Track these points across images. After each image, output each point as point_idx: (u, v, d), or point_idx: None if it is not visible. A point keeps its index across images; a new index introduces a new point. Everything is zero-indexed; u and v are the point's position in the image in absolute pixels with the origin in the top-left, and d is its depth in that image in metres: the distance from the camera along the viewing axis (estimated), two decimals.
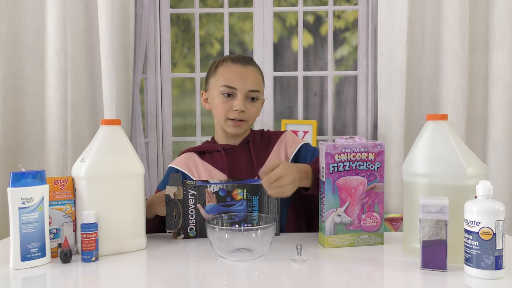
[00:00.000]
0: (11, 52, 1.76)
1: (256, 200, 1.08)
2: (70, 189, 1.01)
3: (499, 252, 0.81)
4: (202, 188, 1.07)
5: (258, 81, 1.31)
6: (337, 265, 0.94)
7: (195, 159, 1.33)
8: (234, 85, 1.26)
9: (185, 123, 2.14)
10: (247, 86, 1.27)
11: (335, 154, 1.03)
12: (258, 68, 1.34)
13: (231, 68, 1.29)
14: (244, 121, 1.28)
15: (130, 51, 1.85)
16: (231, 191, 1.07)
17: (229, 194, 1.07)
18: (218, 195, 1.07)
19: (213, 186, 1.07)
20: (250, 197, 1.07)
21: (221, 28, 2.07)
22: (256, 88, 1.29)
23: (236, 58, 1.31)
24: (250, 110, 1.28)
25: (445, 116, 0.98)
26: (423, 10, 1.82)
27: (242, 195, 1.07)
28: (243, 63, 1.30)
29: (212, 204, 1.08)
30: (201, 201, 1.08)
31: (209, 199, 1.07)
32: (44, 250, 0.94)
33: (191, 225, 1.10)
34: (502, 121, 1.74)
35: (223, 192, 1.07)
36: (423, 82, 1.84)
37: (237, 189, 1.07)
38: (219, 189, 1.07)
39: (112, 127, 1.05)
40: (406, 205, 1.01)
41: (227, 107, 1.27)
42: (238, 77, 1.27)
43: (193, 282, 0.86)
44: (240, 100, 1.25)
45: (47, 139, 1.80)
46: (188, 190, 1.07)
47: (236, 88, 1.26)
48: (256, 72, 1.31)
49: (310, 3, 2.10)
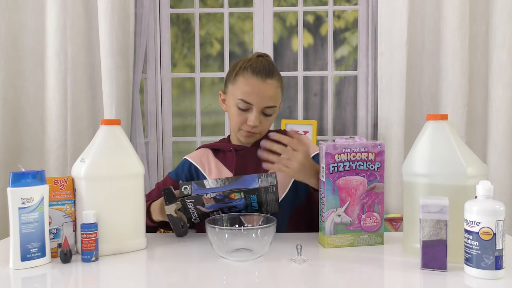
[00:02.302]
0: (11, 53, 1.76)
1: (254, 197, 1.08)
2: (70, 189, 1.01)
3: (499, 252, 0.81)
4: (199, 196, 1.07)
5: (276, 95, 1.25)
6: (337, 265, 0.94)
7: (209, 156, 1.35)
8: (251, 100, 1.22)
9: (185, 123, 2.14)
10: (263, 103, 1.23)
11: (335, 154, 1.03)
12: (278, 79, 1.27)
13: (249, 81, 1.23)
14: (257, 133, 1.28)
15: (130, 51, 1.85)
16: (227, 195, 1.07)
17: (227, 196, 1.07)
18: (216, 199, 1.07)
19: (209, 195, 1.06)
20: (247, 196, 1.08)
21: (221, 28, 2.07)
22: (272, 104, 1.24)
23: (257, 70, 1.23)
24: (263, 124, 1.27)
25: (445, 116, 0.98)
26: (423, 10, 1.82)
27: (239, 196, 1.07)
28: (264, 76, 1.23)
29: (211, 204, 1.08)
30: (200, 203, 1.08)
31: (207, 202, 1.08)
32: (44, 250, 0.94)
33: (194, 217, 1.13)
34: (502, 121, 1.74)
35: (220, 196, 1.06)
36: (423, 82, 1.84)
37: (234, 194, 1.07)
38: (216, 195, 1.06)
39: (112, 127, 1.05)
40: (406, 205, 1.01)
41: (242, 119, 1.26)
42: (256, 93, 1.22)
43: (193, 282, 0.86)
44: (254, 115, 1.23)
45: (47, 139, 1.80)
46: (186, 200, 1.08)
47: (253, 104, 1.23)
48: (275, 86, 1.25)
49: (310, 3, 2.10)
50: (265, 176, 1.09)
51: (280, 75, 1.29)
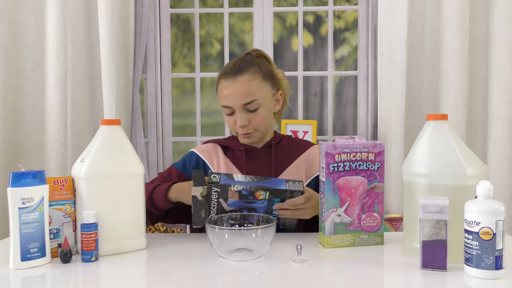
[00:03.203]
0: (11, 52, 1.76)
1: (278, 201, 1.09)
2: (70, 189, 1.01)
3: (499, 252, 0.81)
4: (226, 186, 1.08)
5: (251, 89, 1.22)
6: (337, 265, 0.94)
7: (219, 152, 1.33)
8: (228, 103, 1.23)
9: (185, 123, 2.14)
10: (240, 101, 1.21)
11: (335, 154, 1.03)
12: (254, 71, 1.23)
13: (223, 86, 1.24)
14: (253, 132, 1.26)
15: (130, 51, 1.85)
16: (254, 191, 1.08)
17: (252, 194, 1.08)
18: (241, 194, 1.08)
19: (237, 186, 1.08)
20: (271, 198, 1.09)
21: (221, 28, 2.07)
22: (250, 99, 1.21)
23: (227, 72, 1.24)
24: (253, 120, 1.24)
25: (445, 116, 0.98)
26: (423, 10, 1.82)
27: (264, 196, 1.08)
28: (233, 76, 1.22)
29: (234, 199, 1.09)
30: (224, 196, 1.09)
31: (232, 195, 1.08)
32: (44, 250, 0.94)
33: (212, 214, 1.12)
34: (502, 121, 1.74)
35: (246, 192, 1.08)
36: (423, 82, 1.84)
37: (260, 191, 1.08)
38: (243, 189, 1.08)
39: (112, 127, 1.05)
40: (406, 205, 1.01)
41: (232, 123, 1.26)
42: (229, 94, 1.22)
43: (193, 282, 0.86)
44: (238, 116, 1.23)
45: (47, 139, 1.80)
46: (212, 188, 1.08)
47: (231, 106, 1.23)
48: (247, 80, 1.22)
49: (310, 3, 2.10)
50: (292, 181, 1.12)
51: (258, 66, 1.25)
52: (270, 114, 1.29)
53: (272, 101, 1.29)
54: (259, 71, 1.25)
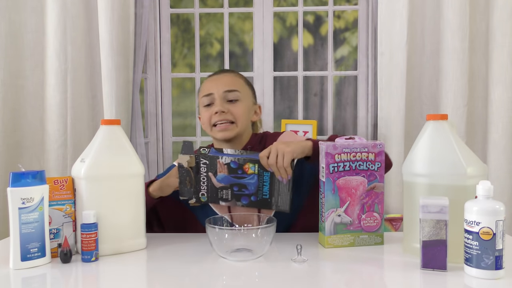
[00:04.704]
0: (11, 52, 1.76)
1: (268, 175, 1.09)
2: (70, 189, 1.01)
3: (499, 252, 0.81)
4: (214, 158, 1.08)
5: (235, 82, 1.30)
6: (337, 265, 0.94)
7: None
8: (210, 90, 1.28)
9: (185, 123, 2.14)
10: (221, 88, 1.27)
11: (335, 154, 1.03)
12: (237, 74, 1.35)
13: (207, 80, 1.34)
14: (230, 123, 1.25)
15: (130, 51, 1.85)
16: (242, 164, 1.08)
17: (241, 167, 1.08)
18: (230, 167, 1.09)
19: (225, 158, 1.08)
20: (261, 172, 1.08)
21: (221, 28, 2.07)
22: (231, 88, 1.28)
23: (212, 73, 1.36)
24: (232, 111, 1.26)
25: (445, 116, 0.98)
26: (423, 10, 1.82)
27: (253, 170, 1.08)
28: (218, 73, 1.35)
29: (223, 174, 1.09)
30: (213, 170, 1.09)
31: (221, 169, 1.09)
32: (44, 250, 0.94)
33: (202, 191, 1.12)
34: (502, 121, 1.74)
35: (234, 165, 1.08)
36: (423, 82, 1.84)
37: (248, 163, 1.08)
38: (231, 161, 1.08)
39: (112, 127, 1.05)
40: (406, 205, 1.01)
41: (209, 114, 1.27)
42: (213, 84, 1.30)
43: (193, 282, 0.86)
44: (218, 102, 1.26)
45: (47, 139, 1.80)
46: (201, 159, 1.09)
47: (213, 93, 1.27)
48: (232, 75, 1.33)
49: (310, 3, 2.10)
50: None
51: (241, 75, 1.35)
52: (248, 115, 1.31)
53: (251, 105, 1.33)
54: (243, 78, 1.36)
